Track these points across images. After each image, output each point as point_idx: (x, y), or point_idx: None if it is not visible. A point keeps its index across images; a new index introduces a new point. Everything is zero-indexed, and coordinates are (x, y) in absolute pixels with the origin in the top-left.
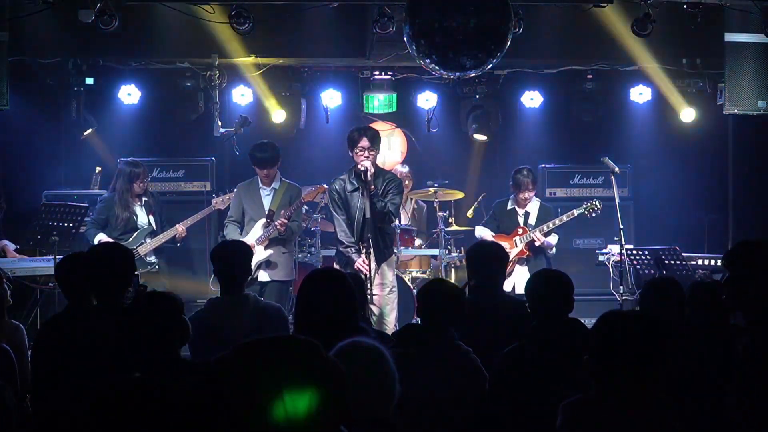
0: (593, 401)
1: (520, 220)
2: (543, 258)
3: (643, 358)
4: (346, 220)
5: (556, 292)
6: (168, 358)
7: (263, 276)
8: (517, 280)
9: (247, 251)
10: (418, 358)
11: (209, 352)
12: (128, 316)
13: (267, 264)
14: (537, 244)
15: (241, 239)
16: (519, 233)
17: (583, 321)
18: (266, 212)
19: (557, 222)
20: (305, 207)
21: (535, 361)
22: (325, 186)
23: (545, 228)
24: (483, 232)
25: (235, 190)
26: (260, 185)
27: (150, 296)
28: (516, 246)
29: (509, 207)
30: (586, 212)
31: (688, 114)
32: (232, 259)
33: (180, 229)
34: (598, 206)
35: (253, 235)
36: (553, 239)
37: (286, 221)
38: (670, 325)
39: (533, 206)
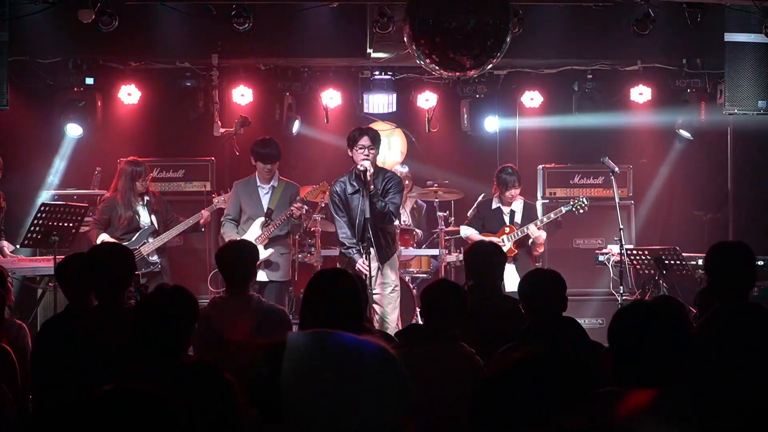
0: (615, 394)
1: (506, 219)
2: (531, 256)
3: (664, 349)
4: (347, 221)
5: (550, 290)
6: (174, 358)
7: (262, 276)
8: (506, 279)
9: (255, 252)
10: (421, 358)
11: (210, 351)
12: (139, 314)
13: (266, 264)
14: (533, 238)
15: (239, 238)
16: (506, 232)
17: (582, 321)
18: (265, 211)
19: (545, 219)
20: (305, 207)
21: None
22: (326, 183)
23: (522, 232)
24: (469, 232)
25: (233, 187)
26: (259, 183)
27: (165, 292)
28: (504, 245)
29: (494, 206)
30: (574, 209)
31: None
32: (240, 260)
33: (206, 214)
34: (585, 203)
35: (252, 235)
36: (542, 234)
37: (302, 205)
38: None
39: (518, 204)
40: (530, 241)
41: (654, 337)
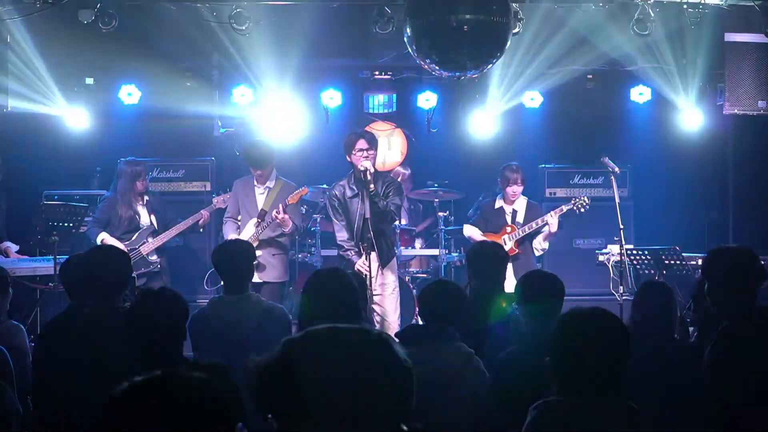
0: (556, 404)
1: (508, 219)
2: (531, 257)
3: (603, 359)
4: (345, 225)
5: (549, 293)
6: (171, 357)
7: (254, 277)
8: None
9: (250, 250)
10: (420, 358)
11: (212, 351)
12: (133, 316)
13: (256, 266)
14: (553, 230)
15: (238, 237)
16: (507, 231)
17: None
18: (258, 211)
19: (546, 218)
20: (305, 207)
21: (532, 363)
22: (307, 189)
23: (534, 225)
24: (471, 231)
25: (233, 185)
26: (255, 183)
27: (155, 294)
28: (505, 244)
29: (497, 206)
30: (575, 208)
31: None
32: (234, 259)
33: (205, 214)
34: (587, 202)
35: (246, 234)
36: (555, 221)
37: (285, 216)
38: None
39: (520, 204)
40: (543, 227)
41: (591, 352)
